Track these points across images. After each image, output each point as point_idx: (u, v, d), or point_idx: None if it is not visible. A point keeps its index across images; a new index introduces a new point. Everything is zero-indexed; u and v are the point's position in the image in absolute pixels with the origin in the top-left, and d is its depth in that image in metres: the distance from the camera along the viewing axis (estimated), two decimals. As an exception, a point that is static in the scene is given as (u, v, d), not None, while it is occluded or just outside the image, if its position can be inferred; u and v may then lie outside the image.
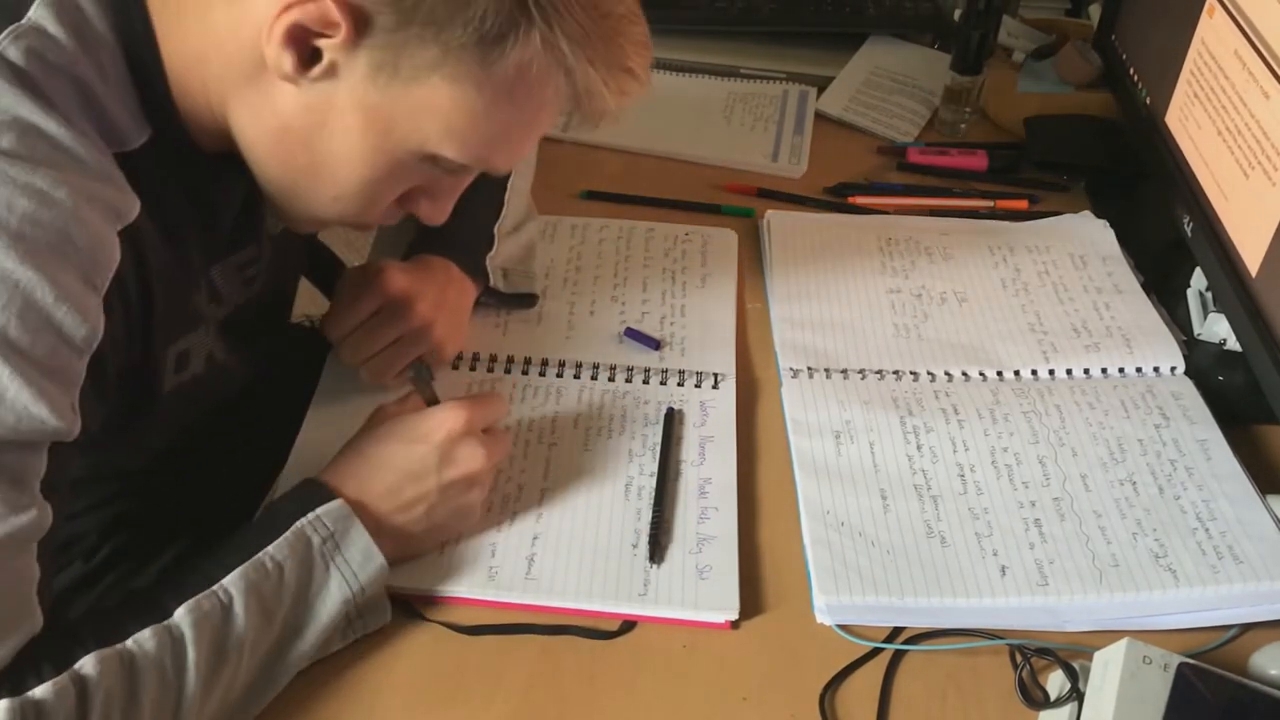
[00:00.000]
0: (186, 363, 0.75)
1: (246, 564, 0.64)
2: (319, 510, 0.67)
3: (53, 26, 0.59)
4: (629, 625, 0.73)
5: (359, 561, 0.67)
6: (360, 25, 0.58)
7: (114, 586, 0.90)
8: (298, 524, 0.66)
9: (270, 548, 0.65)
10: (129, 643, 0.58)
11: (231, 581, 0.63)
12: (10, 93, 0.57)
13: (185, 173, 0.67)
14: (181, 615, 0.61)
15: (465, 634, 0.72)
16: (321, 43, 0.59)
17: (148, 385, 0.71)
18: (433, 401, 0.77)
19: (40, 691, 0.54)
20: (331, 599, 0.67)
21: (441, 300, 0.87)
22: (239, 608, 0.62)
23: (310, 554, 0.66)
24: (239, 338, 0.80)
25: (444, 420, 0.73)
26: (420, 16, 0.58)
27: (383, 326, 0.84)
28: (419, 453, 0.72)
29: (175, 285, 0.69)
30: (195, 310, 0.74)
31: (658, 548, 0.76)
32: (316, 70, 0.60)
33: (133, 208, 0.62)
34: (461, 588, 0.74)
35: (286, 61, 0.59)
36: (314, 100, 0.62)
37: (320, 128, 0.63)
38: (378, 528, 0.69)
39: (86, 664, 0.56)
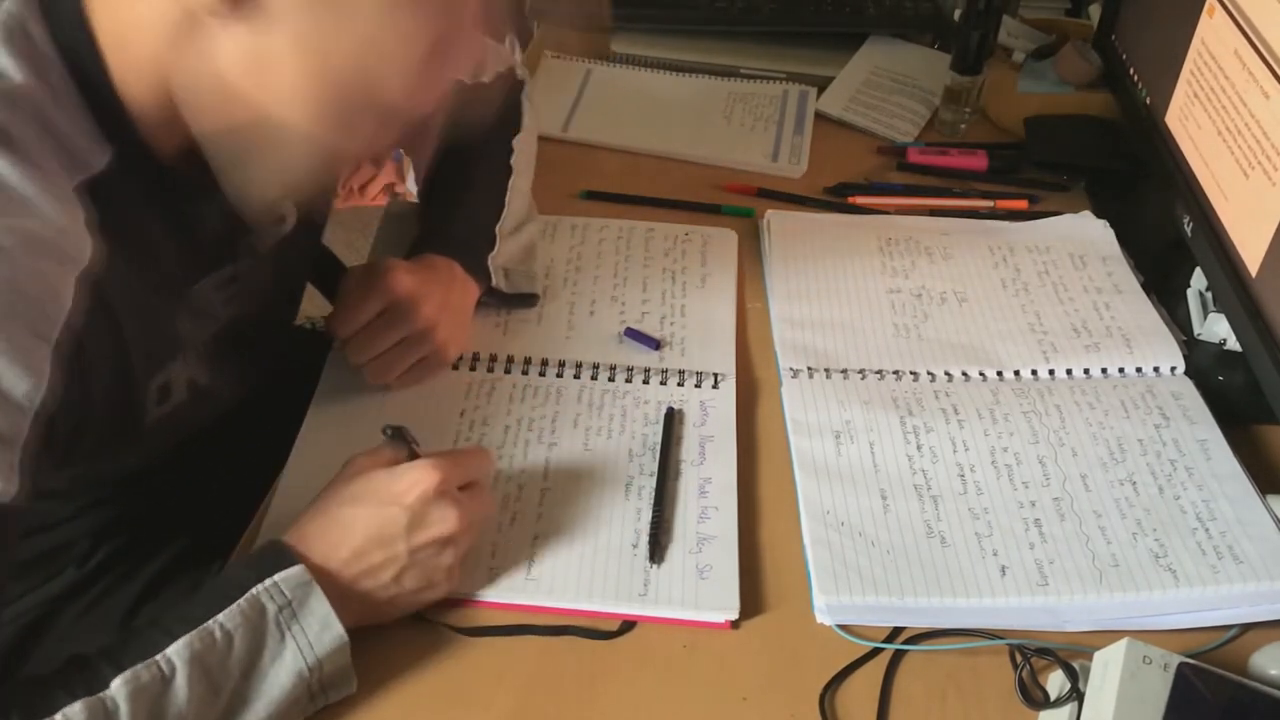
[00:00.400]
0: (168, 394, 0.73)
1: (193, 632, 0.60)
2: (277, 576, 0.63)
3: (3, 59, 0.57)
4: (629, 625, 0.73)
5: (316, 631, 0.63)
6: None
7: (107, 591, 0.89)
8: (253, 590, 0.62)
9: (221, 615, 0.61)
10: (57, 716, 0.55)
11: (175, 651, 0.59)
12: None
13: (153, 189, 0.65)
14: (118, 687, 0.57)
15: (465, 634, 0.72)
16: None
17: (130, 421, 0.69)
18: (411, 457, 0.72)
19: None
20: (285, 670, 0.62)
21: (446, 301, 0.86)
22: (181, 679, 0.59)
23: (264, 622, 0.62)
24: (225, 357, 0.79)
25: (416, 480, 0.68)
26: None
27: (388, 327, 0.84)
28: (388, 515, 0.67)
29: (151, 315, 0.67)
30: (175, 336, 0.72)
31: (658, 548, 0.76)
32: (247, 6, 0.57)
33: (86, 251, 0.59)
34: (462, 588, 0.73)
35: None
36: (248, 46, 0.58)
37: (259, 74, 0.59)
38: (342, 595, 0.65)
39: None
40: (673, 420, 0.86)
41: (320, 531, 0.67)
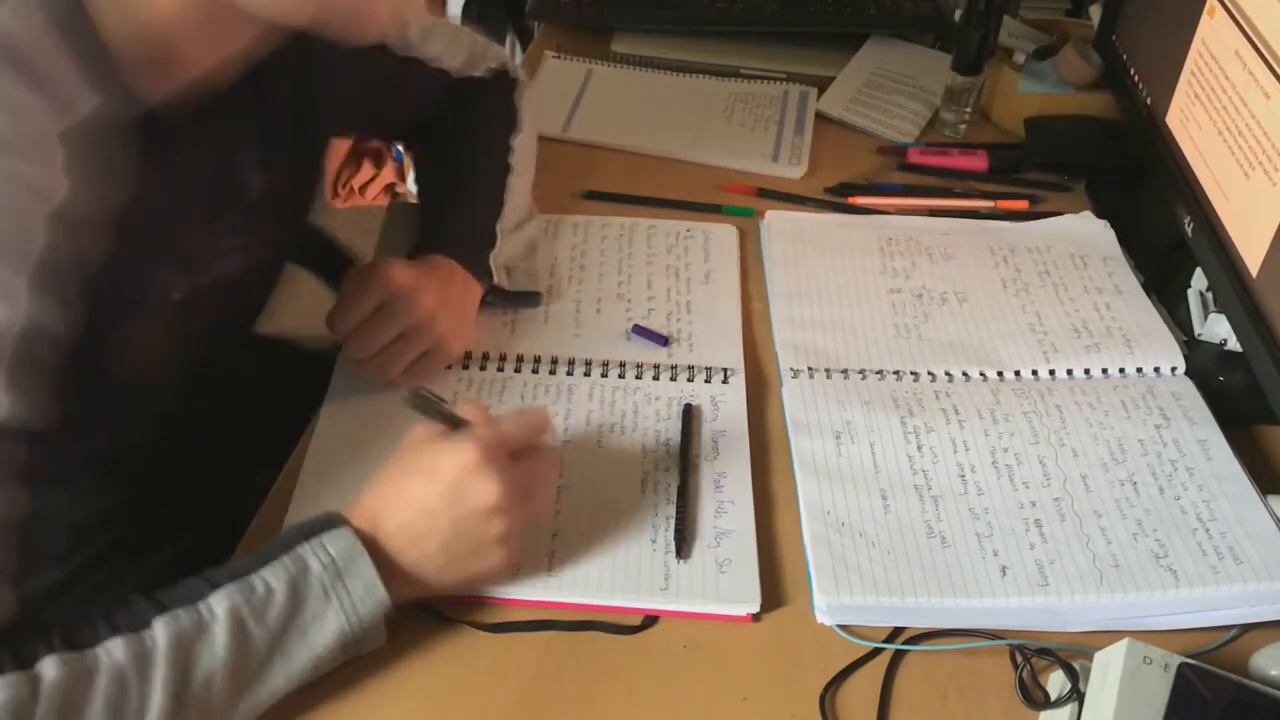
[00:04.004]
0: (128, 346, 0.71)
1: (234, 582, 0.62)
2: (324, 536, 0.65)
3: None
4: (651, 620, 0.73)
5: (360, 594, 0.65)
6: None
7: (100, 588, 0.88)
8: (298, 548, 0.64)
9: (265, 569, 0.63)
10: (98, 649, 0.57)
11: (216, 599, 0.61)
12: None
13: (140, 135, 0.63)
14: (158, 627, 0.59)
15: (489, 631, 0.72)
16: None
17: (91, 371, 0.68)
18: (453, 420, 0.71)
19: None
20: (328, 628, 0.64)
21: (445, 295, 0.87)
22: (219, 627, 0.60)
23: (307, 578, 0.64)
24: (200, 318, 0.77)
25: (457, 453, 0.68)
26: None
27: (385, 321, 0.84)
28: (430, 489, 0.68)
29: (128, 265, 0.66)
30: (153, 288, 0.71)
31: (684, 542, 0.77)
32: None
33: (60, 191, 0.59)
34: (484, 588, 0.73)
35: None
36: None
37: None
38: (390, 563, 0.67)
39: (46, 665, 0.55)
40: (691, 416, 0.87)
41: (374, 502, 0.69)
